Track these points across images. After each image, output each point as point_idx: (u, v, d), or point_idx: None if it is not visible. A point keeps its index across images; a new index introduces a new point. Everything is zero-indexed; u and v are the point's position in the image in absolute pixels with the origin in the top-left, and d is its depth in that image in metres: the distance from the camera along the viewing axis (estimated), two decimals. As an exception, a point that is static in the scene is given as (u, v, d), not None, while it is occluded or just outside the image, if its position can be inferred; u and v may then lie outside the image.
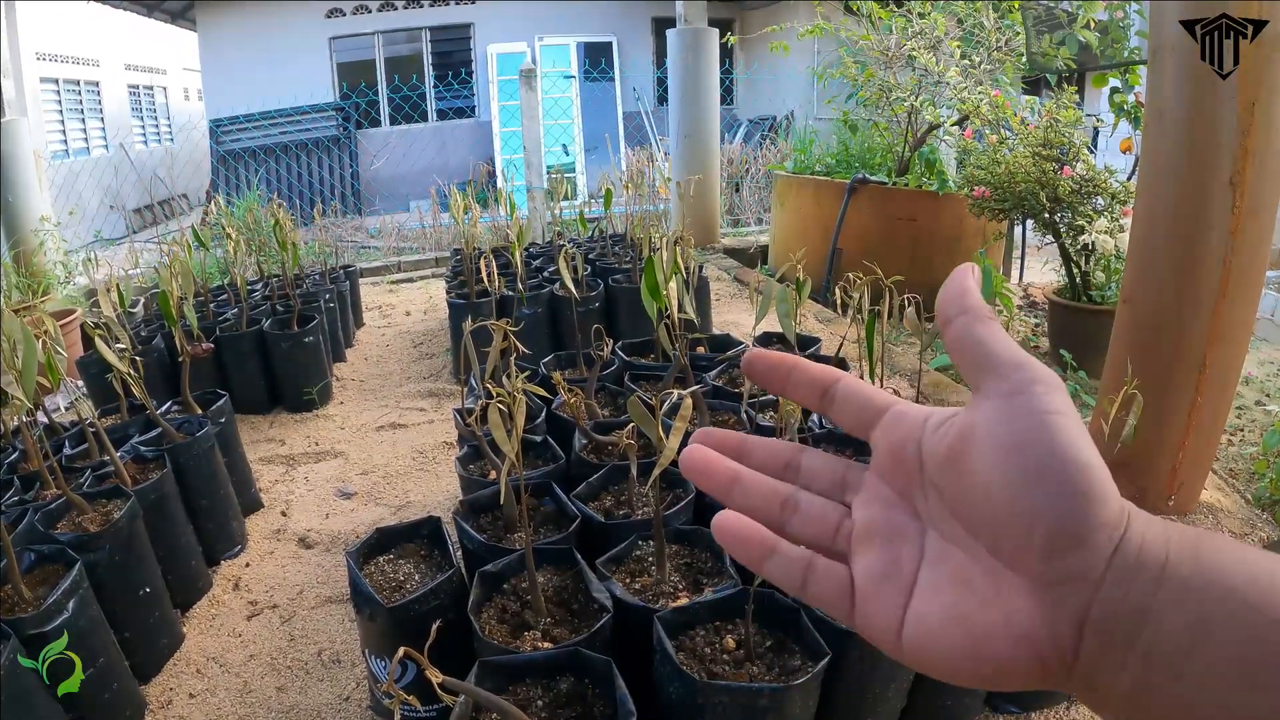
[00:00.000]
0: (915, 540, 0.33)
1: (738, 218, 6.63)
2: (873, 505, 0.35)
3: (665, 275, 1.45)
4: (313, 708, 1.47)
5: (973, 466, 0.31)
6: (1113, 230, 2.83)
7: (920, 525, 0.34)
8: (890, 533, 0.34)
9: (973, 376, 0.32)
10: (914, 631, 0.32)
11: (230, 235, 3.05)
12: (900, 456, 0.34)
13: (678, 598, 1.15)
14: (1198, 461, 1.95)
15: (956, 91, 3.74)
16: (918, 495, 0.34)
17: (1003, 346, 0.32)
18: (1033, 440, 0.29)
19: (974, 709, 1.34)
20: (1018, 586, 0.30)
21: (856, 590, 0.34)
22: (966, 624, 0.30)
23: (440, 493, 2.23)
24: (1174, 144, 1.78)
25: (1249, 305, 1.86)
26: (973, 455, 0.31)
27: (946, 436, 0.32)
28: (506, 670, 1.01)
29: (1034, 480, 0.29)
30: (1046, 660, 0.29)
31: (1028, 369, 0.31)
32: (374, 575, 1.29)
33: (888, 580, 0.33)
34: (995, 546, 0.31)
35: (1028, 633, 0.29)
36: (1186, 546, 0.28)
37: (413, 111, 9.47)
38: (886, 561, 0.33)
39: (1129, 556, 0.28)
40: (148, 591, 1.59)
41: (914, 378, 1.99)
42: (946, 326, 0.33)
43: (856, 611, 0.34)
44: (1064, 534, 0.28)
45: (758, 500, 0.37)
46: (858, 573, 0.34)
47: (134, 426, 1.99)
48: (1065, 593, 0.29)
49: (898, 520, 0.34)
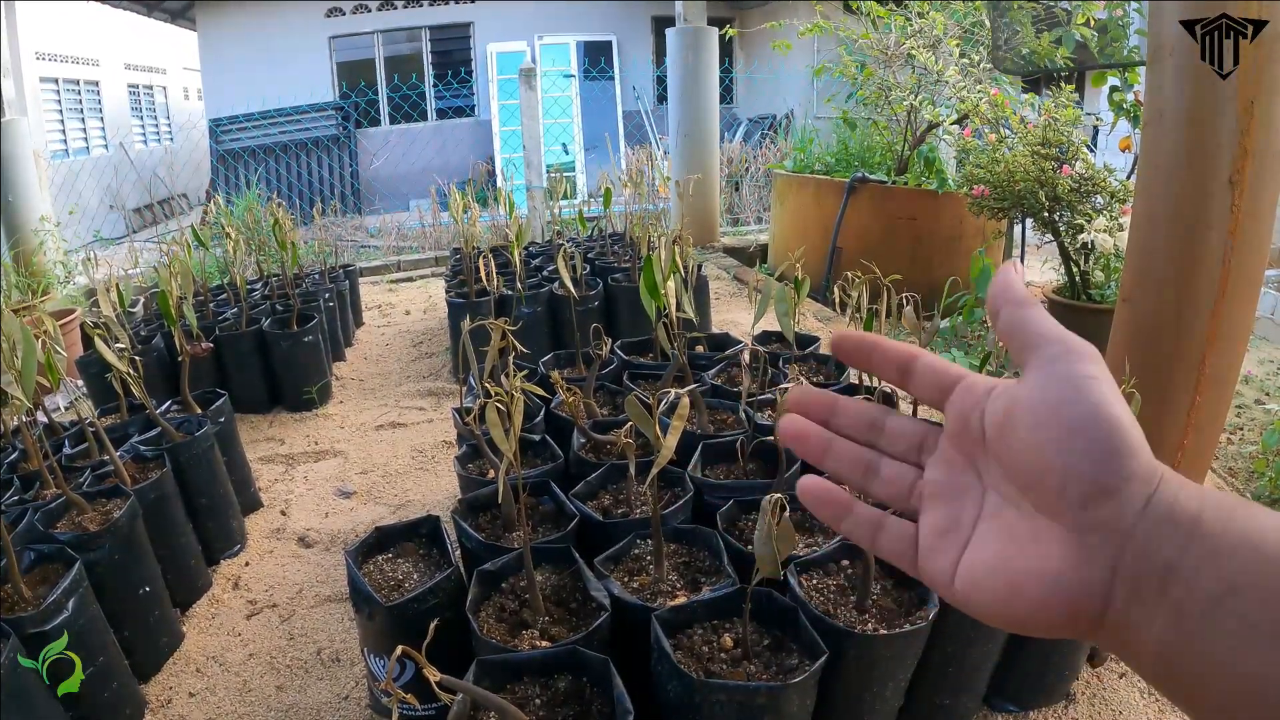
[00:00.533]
0: (976, 499, 0.37)
1: (737, 217, 6.63)
2: (941, 467, 0.39)
3: (663, 274, 1.46)
4: (312, 706, 1.47)
5: (1019, 429, 0.34)
6: (1112, 229, 2.82)
7: (982, 486, 0.37)
8: (955, 492, 0.37)
9: (1020, 354, 0.36)
10: (964, 578, 0.35)
11: (229, 235, 3.05)
12: (967, 423, 0.37)
13: (676, 596, 1.16)
14: (1197, 460, 1.95)
15: (956, 90, 3.74)
16: (980, 459, 0.37)
17: (1044, 325, 0.35)
18: (1069, 400, 0.32)
19: (972, 708, 1.34)
20: (1056, 535, 0.32)
21: (920, 543, 0.38)
22: (1008, 569, 0.33)
23: (440, 492, 2.23)
24: (1173, 143, 1.78)
25: (1248, 304, 1.86)
26: (1019, 418, 0.34)
27: (999, 405, 0.35)
28: (504, 669, 1.01)
29: (1070, 435, 0.32)
30: (1078, 606, 0.31)
31: (1064, 341, 0.34)
32: (373, 574, 1.29)
33: (948, 534, 0.37)
34: (1039, 500, 0.33)
35: (1061, 576, 0.32)
36: (1222, 509, 0.29)
37: (412, 111, 9.47)
38: (948, 518, 0.37)
39: (1160, 510, 0.30)
40: (147, 591, 1.59)
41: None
42: (996, 316, 0.37)
43: (919, 560, 0.38)
44: (1097, 484, 0.31)
45: (846, 465, 0.41)
46: (923, 528, 0.38)
47: (133, 426, 1.99)
48: (1098, 540, 0.31)
49: (962, 481, 0.37)
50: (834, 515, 0.40)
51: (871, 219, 3.99)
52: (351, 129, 9.38)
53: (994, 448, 0.35)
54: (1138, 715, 1.39)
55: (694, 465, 1.47)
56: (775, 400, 1.31)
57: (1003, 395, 0.35)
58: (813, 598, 1.15)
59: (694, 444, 1.54)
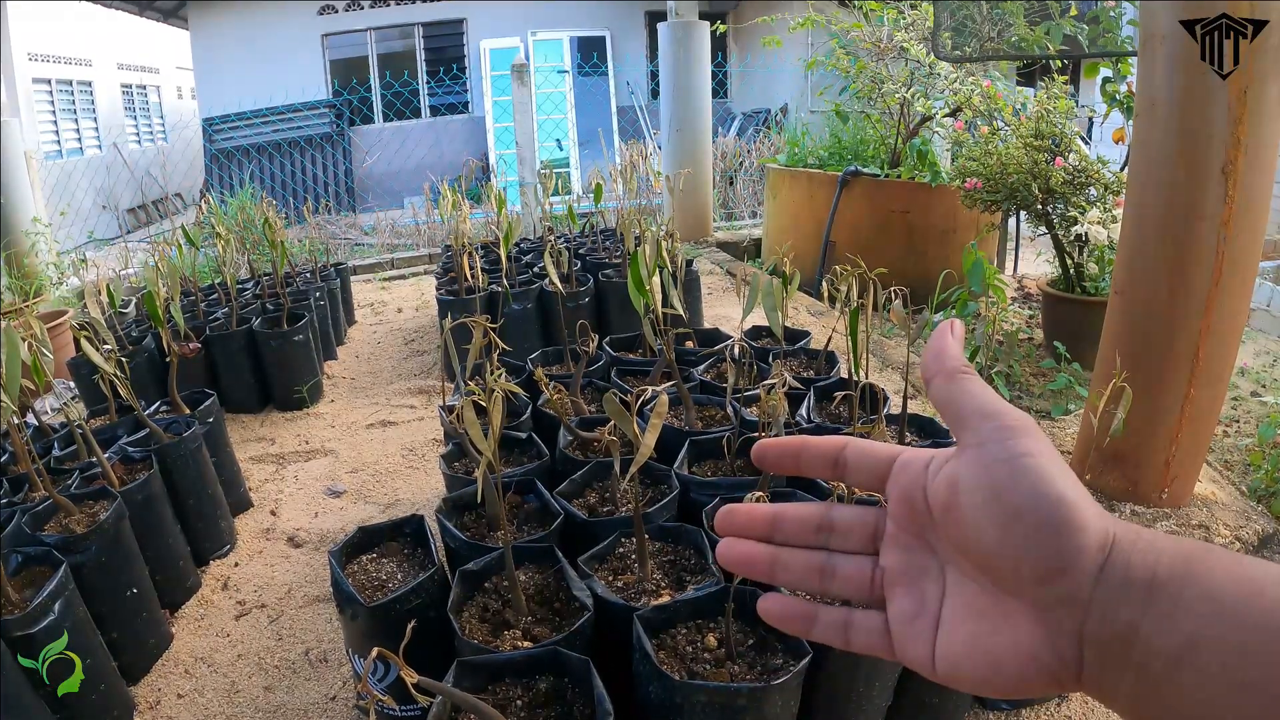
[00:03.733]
0: (937, 578, 0.37)
1: (731, 211, 6.61)
2: (896, 552, 0.39)
3: (649, 270, 1.44)
4: (299, 707, 1.46)
5: (963, 514, 0.34)
6: (1105, 221, 2.81)
7: (939, 563, 0.37)
8: (915, 574, 0.38)
9: (955, 429, 0.36)
10: (943, 662, 0.36)
11: (220, 234, 3.04)
12: (911, 503, 0.37)
13: (660, 595, 1.15)
14: (1192, 454, 1.94)
15: (949, 83, 3.72)
16: (931, 536, 0.37)
17: (973, 400, 0.35)
18: (1007, 484, 0.33)
19: (963, 706, 1.34)
20: (1022, 612, 0.33)
21: (892, 632, 0.38)
22: (984, 649, 0.34)
23: (429, 490, 2.22)
24: (1165, 134, 1.77)
25: (1242, 296, 1.85)
26: (961, 503, 0.34)
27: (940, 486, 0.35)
28: (485, 670, 1.00)
29: (1014, 520, 0.32)
30: (1056, 673, 0.33)
31: (996, 417, 0.34)
32: (356, 574, 1.28)
33: (917, 620, 0.37)
34: (996, 580, 0.34)
35: (1035, 652, 0.33)
36: (1178, 563, 0.30)
37: (406, 108, 9.44)
38: (914, 602, 0.37)
39: (1115, 578, 0.31)
40: (135, 592, 1.58)
41: (905, 371, 1.98)
42: (928, 386, 0.37)
43: (895, 649, 0.38)
44: (1048, 564, 0.32)
45: (799, 575, 0.41)
46: (891, 616, 0.38)
47: (122, 427, 1.98)
48: (1060, 615, 0.32)
49: (919, 561, 0.38)
50: (802, 628, 0.41)
51: (865, 212, 3.98)
52: (345, 127, 9.36)
53: (942, 529, 0.36)
54: (1128, 709, 1.38)
55: (680, 462, 1.46)
56: (758, 396, 1.30)
57: (942, 475, 0.35)
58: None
59: (681, 440, 1.53)
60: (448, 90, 9.76)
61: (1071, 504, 0.32)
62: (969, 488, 0.34)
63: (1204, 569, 0.29)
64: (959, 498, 0.34)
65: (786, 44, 4.95)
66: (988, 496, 0.33)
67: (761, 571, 0.41)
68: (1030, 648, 0.33)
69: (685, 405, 1.68)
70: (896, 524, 0.38)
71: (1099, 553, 0.31)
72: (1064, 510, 0.31)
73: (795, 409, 1.72)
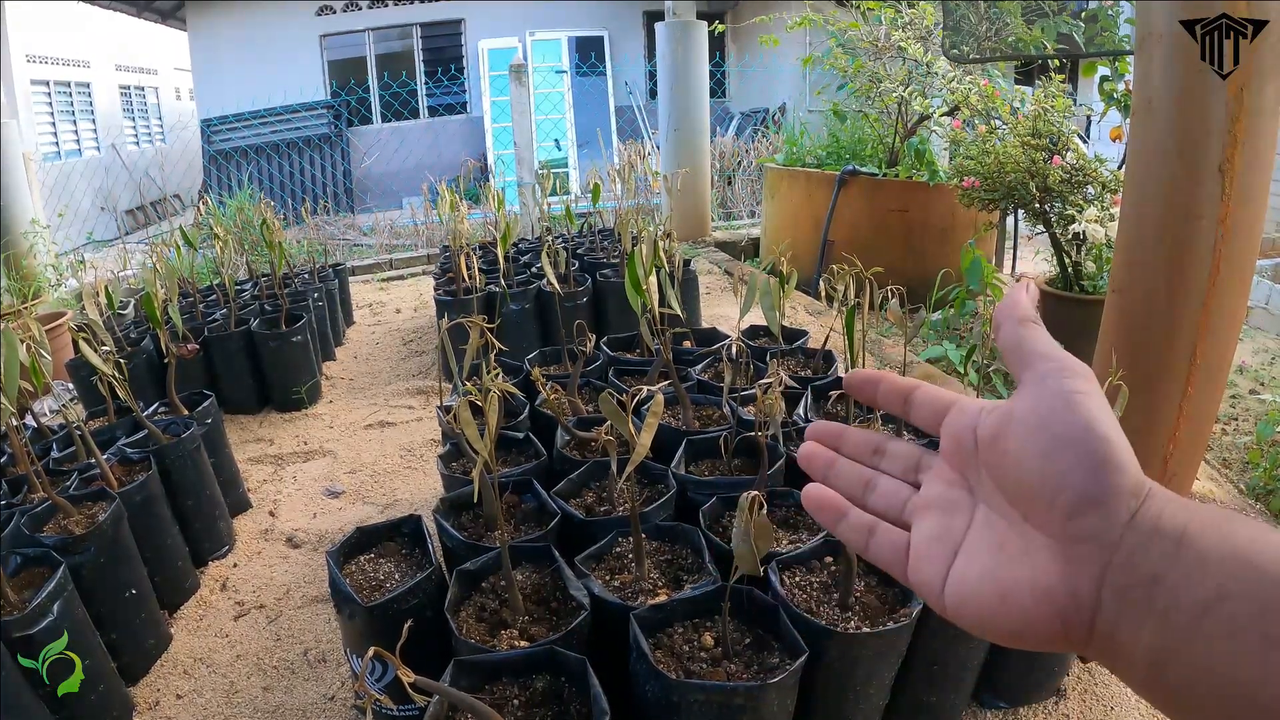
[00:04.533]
0: (967, 512, 0.38)
1: (730, 211, 6.61)
2: (935, 483, 0.41)
3: (646, 270, 1.44)
4: (298, 707, 1.47)
5: (1010, 443, 0.35)
6: (1103, 219, 2.81)
7: (973, 500, 0.39)
8: (947, 505, 0.39)
9: (1017, 370, 0.37)
10: (954, 587, 0.36)
11: (218, 235, 3.04)
12: (960, 442, 0.39)
13: (657, 595, 1.15)
14: (1189, 451, 1.94)
15: (946, 82, 3.72)
16: (973, 474, 0.39)
17: (1041, 344, 0.37)
18: (1060, 414, 0.34)
19: (960, 705, 1.34)
20: (1044, 547, 0.33)
21: (911, 551, 0.39)
22: (997, 580, 0.34)
23: (428, 490, 2.22)
24: (1162, 131, 1.77)
25: (1240, 294, 1.85)
26: (1010, 433, 0.35)
27: (992, 419, 0.37)
28: (482, 669, 1.01)
29: (1060, 447, 0.33)
30: (1067, 616, 0.32)
31: (1059, 359, 0.36)
32: (354, 575, 1.28)
33: (938, 542, 0.38)
34: (1028, 512, 0.35)
35: (1050, 588, 0.33)
36: (1210, 523, 0.30)
37: (404, 108, 9.44)
38: (940, 527, 0.39)
39: (1146, 523, 0.31)
40: (134, 593, 1.58)
41: (903, 369, 1.99)
42: (998, 330, 0.39)
43: (909, 568, 0.39)
44: (1085, 494, 0.32)
45: (846, 480, 0.44)
46: (915, 536, 0.40)
47: (121, 428, 1.98)
48: (1085, 552, 0.32)
49: (955, 495, 0.39)
50: (831, 519, 0.43)
51: (863, 211, 3.98)
52: (343, 127, 9.35)
53: (985, 459, 0.37)
54: (1129, 711, 1.38)
55: (678, 461, 1.47)
56: (755, 396, 1.30)
57: (995, 411, 0.37)
58: (795, 595, 1.14)
59: (678, 440, 1.53)
60: (446, 91, 9.76)
61: (1115, 444, 0.32)
62: (1021, 417, 0.35)
63: (1235, 528, 0.29)
64: (1009, 427, 0.35)
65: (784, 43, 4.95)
66: (1037, 424, 0.34)
67: (819, 468, 0.45)
68: (1046, 583, 0.33)
69: (682, 405, 1.68)
70: (943, 459, 0.41)
71: (1133, 497, 0.32)
72: (1108, 448, 0.32)
73: (793, 408, 1.72)
